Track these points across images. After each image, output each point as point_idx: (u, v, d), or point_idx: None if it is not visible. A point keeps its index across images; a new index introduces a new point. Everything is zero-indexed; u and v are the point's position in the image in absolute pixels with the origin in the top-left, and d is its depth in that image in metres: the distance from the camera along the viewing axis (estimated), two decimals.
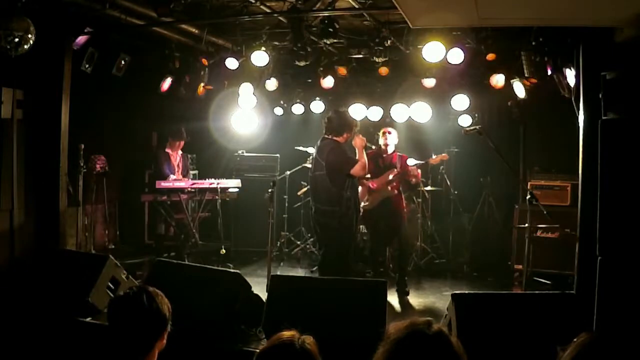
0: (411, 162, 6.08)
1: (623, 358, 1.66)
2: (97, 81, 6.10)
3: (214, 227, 7.15)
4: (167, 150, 7.08)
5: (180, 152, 7.20)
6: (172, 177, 6.88)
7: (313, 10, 5.30)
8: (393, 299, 5.78)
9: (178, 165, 7.12)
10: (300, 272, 6.90)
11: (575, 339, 1.72)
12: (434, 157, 6.31)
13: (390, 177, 6.00)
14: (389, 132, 6.15)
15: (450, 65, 5.77)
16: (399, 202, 6.13)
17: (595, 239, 3.19)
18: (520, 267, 6.08)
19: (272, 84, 7.17)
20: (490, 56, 5.86)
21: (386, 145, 6.12)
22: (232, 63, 6.33)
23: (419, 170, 6.12)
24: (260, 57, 6.05)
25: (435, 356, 1.58)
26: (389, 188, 6.03)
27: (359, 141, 5.31)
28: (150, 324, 2.15)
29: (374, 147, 6.06)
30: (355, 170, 5.16)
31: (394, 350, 1.59)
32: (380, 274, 6.29)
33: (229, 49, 6.55)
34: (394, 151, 6.18)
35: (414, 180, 6.09)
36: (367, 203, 6.02)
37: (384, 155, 6.16)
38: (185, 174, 7.20)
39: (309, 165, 7.22)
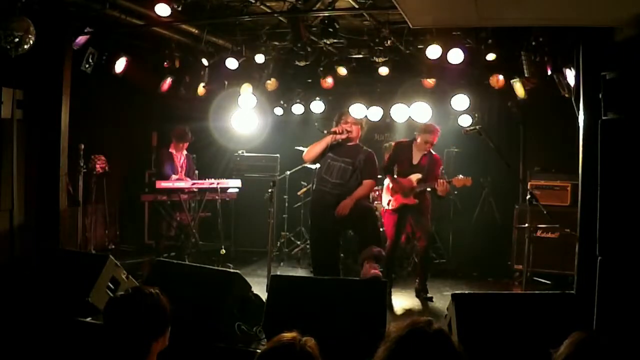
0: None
1: (617, 356, 1.67)
2: (97, 81, 6.10)
3: (214, 227, 7.15)
4: (171, 150, 7.05)
5: (185, 152, 7.16)
6: (174, 177, 6.85)
7: (313, 10, 5.30)
8: (393, 299, 5.78)
9: (182, 166, 7.08)
10: (300, 272, 6.90)
11: (568, 339, 1.72)
12: (460, 177, 5.83)
13: (415, 182, 5.75)
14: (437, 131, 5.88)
15: (450, 65, 5.77)
16: (426, 202, 5.90)
17: (595, 239, 3.18)
18: (520, 267, 6.08)
19: (272, 84, 7.16)
20: (490, 56, 5.86)
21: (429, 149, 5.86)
22: (232, 63, 6.33)
23: (448, 185, 5.73)
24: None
25: (435, 354, 1.59)
26: (411, 197, 5.74)
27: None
28: (146, 325, 2.13)
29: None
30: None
31: (395, 348, 1.60)
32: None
33: (229, 49, 6.54)
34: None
35: (440, 193, 5.71)
36: (390, 204, 5.88)
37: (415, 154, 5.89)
38: (189, 174, 7.14)
39: (309, 165, 7.24)
